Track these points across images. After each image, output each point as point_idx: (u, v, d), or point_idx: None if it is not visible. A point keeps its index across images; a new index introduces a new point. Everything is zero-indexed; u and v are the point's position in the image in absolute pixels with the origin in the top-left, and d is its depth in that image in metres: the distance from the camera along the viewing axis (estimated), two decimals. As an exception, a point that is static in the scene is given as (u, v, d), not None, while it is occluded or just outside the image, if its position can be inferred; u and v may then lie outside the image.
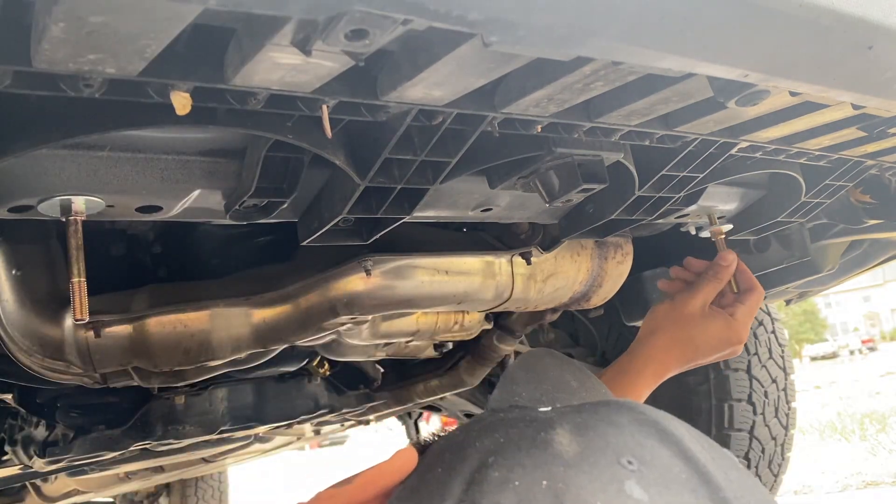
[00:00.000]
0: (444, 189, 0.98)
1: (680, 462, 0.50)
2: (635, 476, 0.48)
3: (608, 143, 0.91)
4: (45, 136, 0.65)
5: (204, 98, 0.60)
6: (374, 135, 0.78)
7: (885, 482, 4.65)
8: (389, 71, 0.64)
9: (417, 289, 1.28)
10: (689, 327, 1.20)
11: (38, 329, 1.13)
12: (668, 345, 1.19)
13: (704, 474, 0.50)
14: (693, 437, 0.53)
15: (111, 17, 0.45)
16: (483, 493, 0.48)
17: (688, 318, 1.20)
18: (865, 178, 1.27)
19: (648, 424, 0.54)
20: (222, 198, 0.89)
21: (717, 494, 0.48)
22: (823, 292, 1.91)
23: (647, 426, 0.54)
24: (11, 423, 1.87)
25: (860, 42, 0.61)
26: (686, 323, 1.20)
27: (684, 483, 0.48)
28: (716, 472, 0.50)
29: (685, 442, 0.52)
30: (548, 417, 0.54)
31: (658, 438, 0.52)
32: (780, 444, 2.21)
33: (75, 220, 0.80)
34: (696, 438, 0.54)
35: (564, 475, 0.48)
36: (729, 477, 0.51)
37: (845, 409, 8.18)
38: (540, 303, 1.50)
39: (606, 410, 0.56)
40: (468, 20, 0.46)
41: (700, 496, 0.48)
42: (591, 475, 0.48)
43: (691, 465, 0.50)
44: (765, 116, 0.89)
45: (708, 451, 0.52)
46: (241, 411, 1.86)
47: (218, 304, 1.25)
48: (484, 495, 0.47)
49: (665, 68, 0.62)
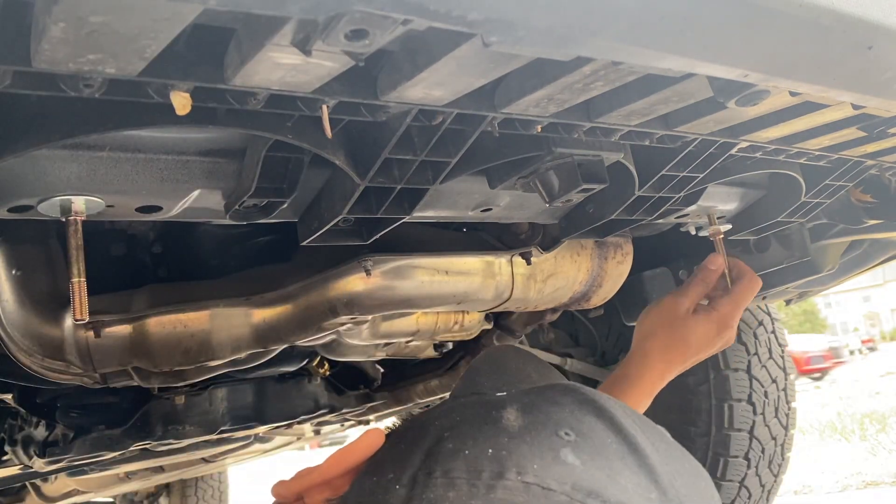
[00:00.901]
0: (444, 189, 0.98)
1: (612, 434, 0.56)
2: (571, 445, 0.54)
3: (608, 143, 0.91)
4: (45, 136, 0.65)
5: (204, 98, 0.60)
6: (374, 135, 0.78)
7: (885, 482, 4.65)
8: (389, 71, 0.64)
9: (417, 289, 1.28)
10: (681, 329, 1.23)
11: (38, 329, 1.13)
12: (663, 348, 1.22)
13: (634, 445, 0.56)
14: (626, 414, 0.59)
15: (111, 17, 0.45)
16: (437, 461, 0.54)
17: (677, 321, 1.24)
18: (865, 178, 1.27)
19: (587, 403, 0.60)
20: (222, 198, 0.89)
21: (644, 461, 0.54)
22: (823, 292, 1.91)
23: (587, 404, 0.60)
24: (11, 423, 1.87)
25: (860, 42, 0.61)
26: (677, 325, 1.24)
27: (615, 451, 0.55)
28: (644, 444, 0.56)
29: (618, 417, 0.58)
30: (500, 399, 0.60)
31: (595, 414, 0.58)
32: (780, 444, 2.21)
33: (75, 220, 0.80)
34: (630, 415, 0.60)
35: (508, 444, 0.54)
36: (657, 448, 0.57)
37: (845, 409, 8.18)
38: (540, 303, 1.50)
39: (552, 392, 0.63)
40: (468, 20, 0.46)
41: (628, 463, 0.54)
42: (532, 444, 0.54)
43: (622, 437, 0.56)
44: (765, 116, 0.89)
45: (639, 425, 0.59)
46: (241, 411, 1.86)
47: (218, 304, 1.25)
48: (438, 463, 0.53)
49: (665, 68, 0.62)
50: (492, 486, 0.50)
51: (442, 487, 0.51)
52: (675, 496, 0.53)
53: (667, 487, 0.53)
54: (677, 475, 0.56)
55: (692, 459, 0.62)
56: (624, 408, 0.61)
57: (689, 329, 1.23)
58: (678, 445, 0.62)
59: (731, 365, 2.10)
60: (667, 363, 1.21)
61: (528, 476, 0.51)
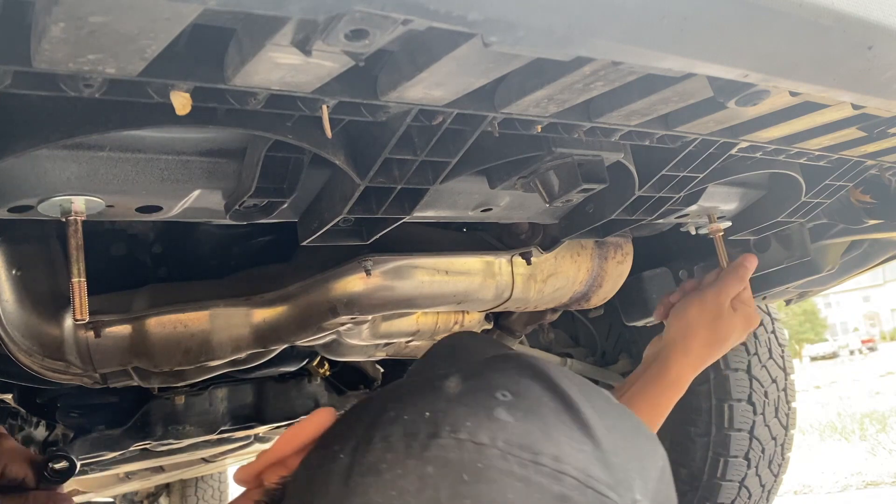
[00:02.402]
0: (444, 189, 0.98)
1: (549, 393, 0.58)
2: (506, 405, 0.56)
3: (608, 143, 0.91)
4: (45, 136, 0.65)
5: (204, 98, 0.60)
6: (374, 135, 0.78)
7: (885, 482, 4.65)
8: (389, 71, 0.64)
9: (417, 289, 1.28)
10: (723, 326, 1.25)
11: (38, 329, 1.13)
12: (705, 345, 1.24)
13: (569, 403, 0.58)
14: (564, 375, 0.62)
15: (111, 17, 0.45)
16: (378, 428, 0.56)
17: (721, 318, 1.25)
18: (865, 178, 1.27)
19: (527, 367, 0.62)
20: (222, 198, 0.89)
21: (579, 417, 0.57)
22: (823, 292, 1.91)
23: (526, 368, 0.62)
24: (11, 423, 1.87)
25: (860, 42, 0.61)
26: (720, 323, 1.25)
27: (551, 409, 0.57)
28: (580, 401, 0.58)
29: (555, 379, 0.60)
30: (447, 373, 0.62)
31: (532, 377, 0.60)
32: (780, 444, 2.21)
33: (75, 220, 0.80)
34: (568, 377, 0.62)
35: (445, 408, 0.56)
36: (594, 406, 0.59)
37: (845, 409, 8.18)
38: (540, 303, 1.50)
39: (495, 361, 0.65)
40: (468, 20, 0.46)
41: (563, 419, 0.56)
42: (468, 406, 0.56)
43: (558, 396, 0.58)
44: (765, 116, 0.89)
45: (578, 386, 0.61)
46: (241, 411, 1.86)
47: (218, 304, 1.25)
48: (378, 430, 0.56)
49: (665, 68, 0.62)
50: (426, 445, 0.52)
51: (381, 451, 0.53)
52: (608, 447, 0.55)
53: (600, 440, 0.55)
54: (613, 430, 0.58)
55: (635, 420, 0.64)
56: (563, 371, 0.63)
57: (730, 326, 1.25)
58: (621, 406, 0.65)
59: (731, 365, 2.09)
60: (703, 359, 1.24)
61: (461, 433, 0.53)
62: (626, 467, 0.56)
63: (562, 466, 0.53)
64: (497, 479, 0.51)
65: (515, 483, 0.51)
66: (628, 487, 0.55)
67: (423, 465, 0.52)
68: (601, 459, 0.55)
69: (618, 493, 0.53)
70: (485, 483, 0.51)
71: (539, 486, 0.52)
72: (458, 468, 0.51)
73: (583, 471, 0.53)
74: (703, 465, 2.10)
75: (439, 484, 0.51)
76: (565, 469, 0.53)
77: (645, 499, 0.55)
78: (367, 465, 0.53)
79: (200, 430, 1.78)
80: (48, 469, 1.05)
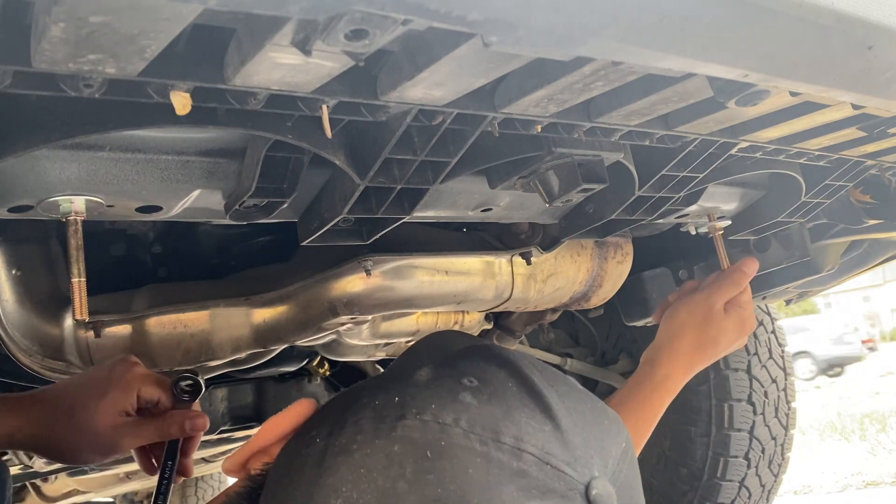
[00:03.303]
0: (444, 189, 0.98)
1: (513, 379, 0.62)
2: (471, 390, 0.59)
3: (608, 143, 0.91)
4: (45, 136, 0.65)
5: (204, 98, 0.60)
6: (374, 135, 0.78)
7: (885, 482, 4.65)
8: (389, 71, 0.64)
9: (417, 289, 1.28)
10: (712, 329, 1.24)
11: (38, 329, 1.13)
12: (692, 347, 1.23)
13: (532, 387, 0.61)
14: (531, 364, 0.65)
15: (111, 17, 0.45)
16: (351, 413, 0.59)
17: (710, 321, 1.24)
18: (865, 178, 1.27)
19: (495, 356, 0.66)
20: (222, 198, 0.89)
21: (542, 401, 0.60)
22: (823, 292, 1.91)
23: (493, 357, 0.66)
24: (11, 423, 1.86)
25: (860, 42, 0.61)
26: (709, 325, 1.24)
27: (514, 394, 0.60)
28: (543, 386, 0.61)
29: (521, 366, 0.64)
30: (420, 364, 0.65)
31: (499, 365, 0.64)
32: (780, 444, 2.21)
33: (75, 220, 0.80)
34: (534, 365, 0.66)
35: (414, 393, 0.59)
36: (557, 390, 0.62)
37: (845, 409, 8.18)
38: (540, 303, 1.50)
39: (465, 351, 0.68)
40: (468, 20, 0.46)
41: (526, 402, 0.59)
42: (435, 391, 0.59)
43: (522, 381, 0.62)
44: (765, 116, 0.89)
45: (541, 372, 0.64)
46: (241, 411, 1.86)
47: (218, 304, 1.25)
48: (351, 414, 0.59)
49: (665, 68, 0.62)
50: (394, 426, 0.56)
51: (352, 433, 0.57)
52: (567, 427, 0.58)
53: (560, 420, 0.59)
54: (574, 412, 0.61)
55: (599, 404, 0.67)
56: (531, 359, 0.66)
57: (720, 329, 1.24)
58: (584, 391, 0.68)
59: (731, 365, 2.10)
60: (693, 362, 1.23)
61: (426, 415, 0.56)
62: (585, 446, 0.59)
63: (521, 444, 0.56)
64: (458, 455, 0.54)
65: (476, 459, 0.54)
66: (586, 464, 0.57)
67: (390, 445, 0.55)
68: (560, 439, 0.58)
69: (575, 470, 0.56)
70: (447, 459, 0.54)
71: (498, 462, 0.54)
72: (423, 446, 0.55)
73: (541, 448, 0.56)
74: (703, 464, 2.10)
75: (404, 461, 0.54)
76: (524, 447, 0.56)
77: (604, 476, 0.58)
78: (340, 447, 0.57)
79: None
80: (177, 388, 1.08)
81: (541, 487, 0.54)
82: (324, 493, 0.55)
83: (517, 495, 0.53)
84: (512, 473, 0.54)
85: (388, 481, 0.53)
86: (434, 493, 0.52)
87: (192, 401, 1.09)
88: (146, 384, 1.07)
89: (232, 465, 0.71)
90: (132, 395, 1.05)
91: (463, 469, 0.54)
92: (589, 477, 0.57)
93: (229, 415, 1.83)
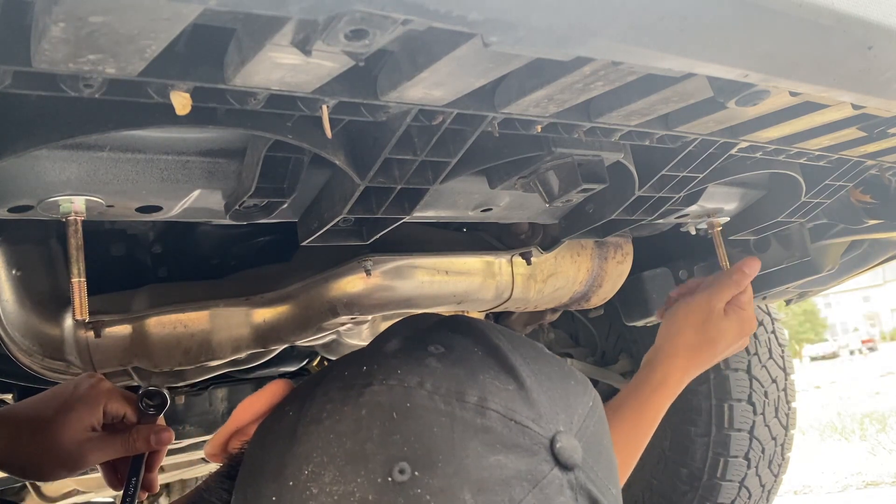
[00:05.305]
0: (444, 189, 0.98)
1: (479, 345, 0.64)
2: (437, 356, 0.61)
3: (608, 143, 0.91)
4: (45, 136, 0.65)
5: (204, 98, 0.60)
6: (374, 135, 0.78)
7: (885, 482, 4.65)
8: (389, 71, 0.64)
9: (417, 289, 1.28)
10: (712, 330, 1.23)
11: (38, 329, 1.13)
12: (691, 348, 1.22)
13: (496, 350, 0.63)
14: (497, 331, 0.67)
15: (111, 17, 0.45)
16: (321, 385, 0.61)
17: (709, 322, 1.23)
18: (865, 178, 1.27)
19: (461, 325, 0.68)
20: (222, 198, 0.89)
21: (506, 362, 0.61)
22: (823, 292, 1.91)
23: (460, 326, 0.68)
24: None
25: (860, 42, 0.61)
26: (708, 326, 1.23)
27: (479, 358, 0.62)
28: (508, 349, 0.63)
29: (486, 333, 0.65)
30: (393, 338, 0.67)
31: (464, 333, 0.66)
32: (780, 444, 2.21)
33: (75, 220, 0.80)
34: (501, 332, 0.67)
35: (381, 361, 0.61)
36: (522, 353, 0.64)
37: (845, 409, 8.18)
38: (540, 303, 1.50)
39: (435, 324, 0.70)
40: (468, 20, 0.46)
41: (490, 364, 0.61)
42: (402, 359, 0.61)
43: (487, 346, 0.63)
44: (765, 116, 0.89)
45: (507, 337, 0.66)
46: (241, 411, 1.85)
47: (218, 304, 1.25)
48: (320, 387, 0.61)
49: (665, 68, 0.62)
50: (361, 392, 0.58)
51: (321, 403, 0.59)
52: (531, 387, 0.60)
53: (524, 380, 0.60)
54: (539, 373, 0.62)
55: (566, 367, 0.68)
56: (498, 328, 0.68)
57: (720, 330, 1.22)
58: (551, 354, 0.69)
59: (731, 365, 2.10)
60: (692, 363, 1.22)
61: (392, 380, 0.58)
62: (550, 404, 0.60)
63: (485, 403, 0.57)
64: (423, 415, 0.56)
65: (441, 418, 0.56)
66: (551, 420, 0.59)
67: (357, 410, 0.57)
68: (525, 397, 0.59)
69: (539, 425, 0.58)
70: (412, 419, 0.56)
71: (462, 419, 0.56)
72: (389, 409, 0.56)
73: (505, 406, 0.58)
74: (703, 465, 2.10)
75: (371, 424, 0.56)
76: (489, 405, 0.57)
77: (569, 431, 0.59)
78: (310, 417, 0.59)
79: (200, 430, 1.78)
80: (143, 403, 1.10)
81: (505, 442, 0.56)
82: (297, 461, 0.56)
83: (482, 450, 0.55)
84: (476, 430, 0.56)
85: (357, 444, 0.55)
86: (400, 452, 0.54)
87: (158, 415, 1.10)
88: (112, 399, 1.07)
89: (212, 449, 0.72)
90: (98, 410, 1.06)
91: (428, 428, 0.55)
92: (553, 431, 0.58)
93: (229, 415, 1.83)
